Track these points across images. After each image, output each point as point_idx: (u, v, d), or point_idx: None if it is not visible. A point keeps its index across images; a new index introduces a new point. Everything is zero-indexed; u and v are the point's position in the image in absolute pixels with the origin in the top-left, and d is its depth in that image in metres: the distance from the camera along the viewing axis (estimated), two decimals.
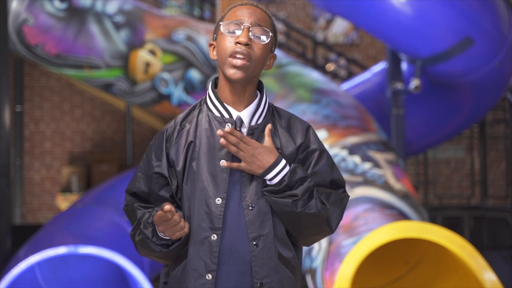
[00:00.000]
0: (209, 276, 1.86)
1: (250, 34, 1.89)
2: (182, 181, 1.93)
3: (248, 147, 1.85)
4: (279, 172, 1.86)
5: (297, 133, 1.97)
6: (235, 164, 1.87)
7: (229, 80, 1.91)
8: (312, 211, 1.86)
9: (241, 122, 1.93)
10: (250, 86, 1.94)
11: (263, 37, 1.91)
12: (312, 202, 1.86)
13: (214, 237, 1.87)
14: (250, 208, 1.88)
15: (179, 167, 1.93)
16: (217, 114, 1.94)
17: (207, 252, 1.87)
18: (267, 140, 1.88)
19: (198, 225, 1.88)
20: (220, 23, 1.93)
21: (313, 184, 1.89)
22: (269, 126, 1.90)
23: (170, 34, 6.01)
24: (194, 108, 2.01)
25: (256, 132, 1.93)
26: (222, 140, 1.85)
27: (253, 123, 1.94)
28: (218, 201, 1.88)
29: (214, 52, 1.97)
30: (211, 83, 2.00)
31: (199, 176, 1.90)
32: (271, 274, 1.87)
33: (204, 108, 1.98)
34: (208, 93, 1.99)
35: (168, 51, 5.98)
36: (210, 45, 1.99)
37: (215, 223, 1.87)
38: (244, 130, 1.93)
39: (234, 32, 1.89)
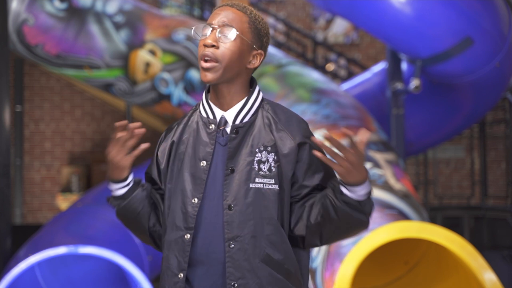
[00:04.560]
0: (181, 275, 1.86)
1: (217, 34, 1.89)
2: (166, 180, 1.96)
3: (357, 153, 1.75)
4: (369, 188, 1.83)
5: (297, 129, 1.93)
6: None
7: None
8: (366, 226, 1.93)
9: (226, 122, 1.93)
10: (234, 86, 1.94)
11: (228, 35, 1.90)
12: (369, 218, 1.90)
13: (187, 236, 1.87)
14: (230, 208, 1.86)
15: (163, 165, 1.98)
16: (204, 114, 1.96)
17: (180, 251, 1.87)
18: (362, 150, 1.77)
19: (174, 224, 1.90)
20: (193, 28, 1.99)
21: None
22: (367, 135, 1.78)
23: (170, 34, 6.01)
24: (191, 110, 2.04)
25: (241, 131, 1.91)
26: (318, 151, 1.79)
27: (237, 121, 1.92)
28: (195, 200, 1.88)
29: None
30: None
31: (180, 175, 1.92)
32: (247, 276, 1.83)
33: (198, 109, 2.01)
34: (203, 95, 2.02)
35: (168, 51, 5.98)
36: None
37: (189, 222, 1.87)
38: (228, 129, 1.92)
39: (198, 34, 1.93)
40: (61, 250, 4.00)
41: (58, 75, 9.19)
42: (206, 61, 1.89)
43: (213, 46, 1.89)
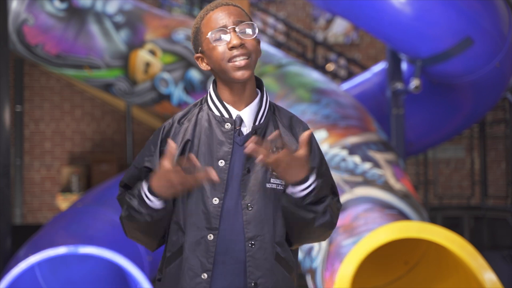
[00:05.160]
0: (205, 276, 1.86)
1: (238, 33, 1.88)
2: None
3: (285, 158, 1.78)
4: (308, 187, 1.84)
5: (299, 133, 1.96)
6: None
7: (233, 81, 1.90)
8: (325, 227, 1.90)
9: (241, 121, 1.92)
10: (249, 85, 1.94)
11: (250, 31, 1.90)
12: (327, 219, 1.89)
13: (210, 236, 1.87)
14: (249, 208, 1.87)
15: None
16: (217, 113, 1.94)
17: (203, 251, 1.87)
18: (303, 152, 1.80)
19: (195, 225, 1.88)
20: (208, 35, 1.90)
21: (331, 201, 1.90)
22: (308, 132, 1.81)
23: (170, 34, 6.01)
24: (194, 106, 2.00)
25: (259, 132, 1.92)
26: (248, 149, 1.77)
27: (256, 122, 1.93)
28: (215, 201, 1.87)
29: (204, 64, 1.96)
30: (212, 82, 1.99)
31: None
32: (267, 274, 1.87)
33: (205, 107, 1.97)
34: (209, 92, 1.98)
35: (168, 51, 5.98)
36: (197, 58, 1.97)
37: (212, 223, 1.87)
38: (244, 129, 1.92)
39: (221, 39, 1.88)
40: (61, 250, 4.00)
41: (58, 75, 9.20)
42: (241, 60, 1.86)
43: (241, 45, 1.87)
